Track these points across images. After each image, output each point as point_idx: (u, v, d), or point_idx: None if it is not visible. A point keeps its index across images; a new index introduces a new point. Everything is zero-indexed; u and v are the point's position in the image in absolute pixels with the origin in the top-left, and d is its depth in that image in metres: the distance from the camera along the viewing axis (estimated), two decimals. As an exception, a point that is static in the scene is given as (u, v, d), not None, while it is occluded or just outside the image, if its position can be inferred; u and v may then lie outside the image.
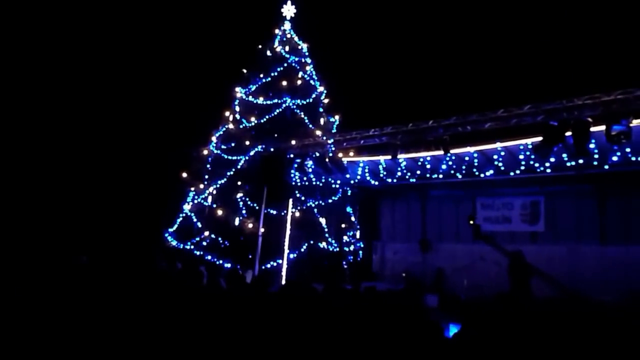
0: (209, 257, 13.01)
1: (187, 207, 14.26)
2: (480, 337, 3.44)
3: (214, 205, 13.79)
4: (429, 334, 3.94)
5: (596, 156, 9.99)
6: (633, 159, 9.75)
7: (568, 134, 8.74)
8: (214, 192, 14.00)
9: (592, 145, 9.43)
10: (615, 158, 9.93)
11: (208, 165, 14.62)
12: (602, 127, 8.39)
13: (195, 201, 14.21)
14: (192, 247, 13.48)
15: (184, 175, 14.54)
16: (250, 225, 12.77)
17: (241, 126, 14.78)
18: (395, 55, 21.96)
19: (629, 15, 15.67)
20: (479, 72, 19.38)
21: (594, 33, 16.67)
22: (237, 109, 15.19)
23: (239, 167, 13.93)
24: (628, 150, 9.57)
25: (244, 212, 13.39)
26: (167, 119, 18.88)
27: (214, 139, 14.96)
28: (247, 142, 14.14)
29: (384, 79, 20.98)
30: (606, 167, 10.21)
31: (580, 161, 10.30)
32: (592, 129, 8.52)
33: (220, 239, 13.33)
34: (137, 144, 18.69)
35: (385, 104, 19.14)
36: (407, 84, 20.05)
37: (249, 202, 13.39)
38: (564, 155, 10.31)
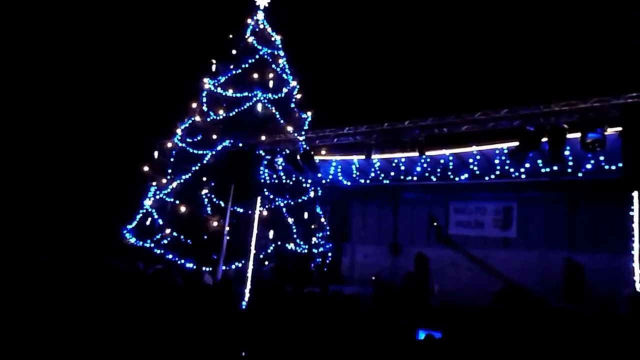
0: (170, 256, 12.42)
1: (148, 203, 13.65)
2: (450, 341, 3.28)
3: (177, 202, 13.29)
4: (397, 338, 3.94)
5: (570, 163, 9.96)
6: (606, 167, 9.75)
7: (544, 139, 8.62)
8: (178, 187, 13.42)
9: (567, 152, 9.37)
10: (589, 166, 9.94)
11: (172, 159, 14.00)
12: (578, 135, 8.30)
13: (157, 197, 13.62)
14: (152, 245, 12.84)
15: (146, 168, 13.89)
16: (215, 224, 12.34)
17: (209, 119, 14.25)
18: (372, 53, 21.63)
19: (606, 23, 15.90)
20: (457, 74, 19.32)
21: (573, 39, 16.85)
22: (205, 100, 14.59)
23: (205, 162, 13.44)
24: (602, 158, 9.55)
25: (208, 209, 12.90)
26: (129, 108, 17.88)
27: (179, 131, 14.38)
28: (214, 136, 13.70)
29: (360, 76, 20.62)
30: (580, 174, 10.21)
31: (555, 168, 10.27)
32: (568, 135, 8.43)
33: (182, 237, 12.77)
34: (96, 134, 17.62)
35: (360, 102, 18.79)
36: (383, 83, 19.80)
37: (214, 199, 12.93)
38: (539, 161, 10.24)
